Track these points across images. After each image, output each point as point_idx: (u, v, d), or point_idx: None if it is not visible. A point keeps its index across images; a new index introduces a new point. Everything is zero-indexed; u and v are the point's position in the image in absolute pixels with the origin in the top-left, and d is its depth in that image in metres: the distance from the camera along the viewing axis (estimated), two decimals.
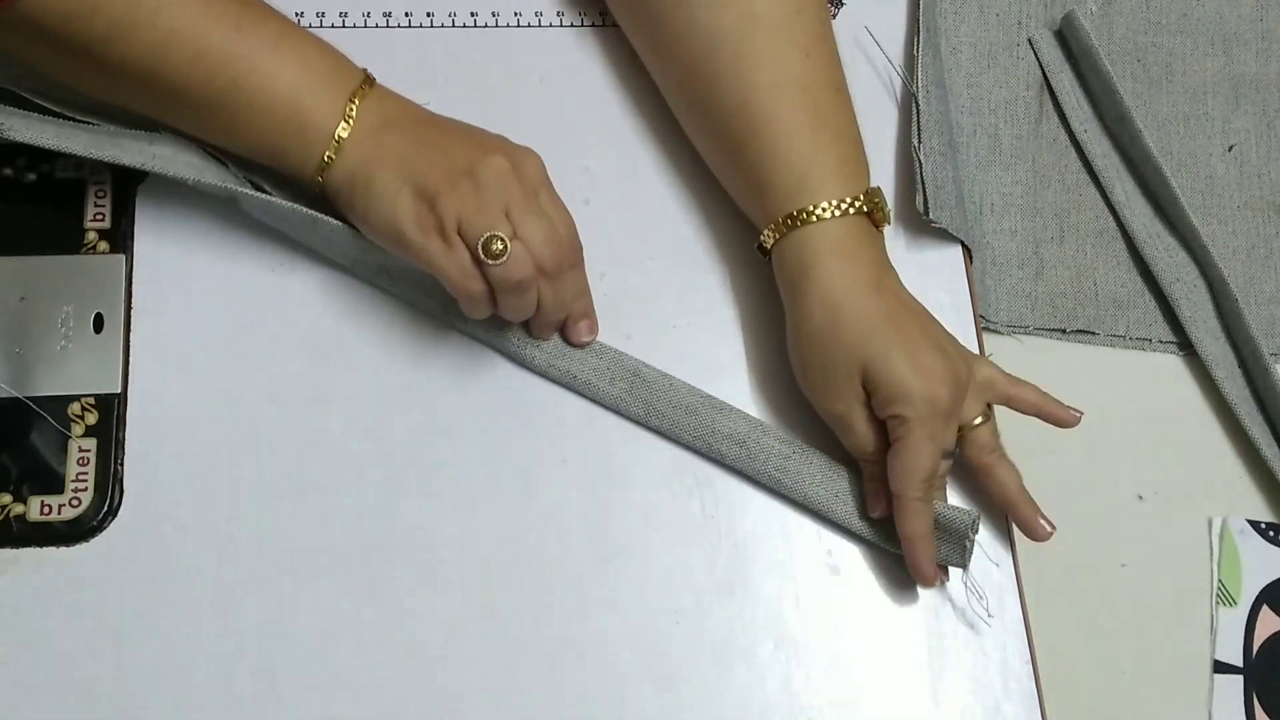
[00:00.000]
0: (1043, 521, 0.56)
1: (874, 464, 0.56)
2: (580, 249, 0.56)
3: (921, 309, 0.57)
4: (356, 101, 0.54)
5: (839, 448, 0.58)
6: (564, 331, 0.59)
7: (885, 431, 0.56)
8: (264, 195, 0.57)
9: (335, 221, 0.56)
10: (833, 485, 0.58)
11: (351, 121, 0.54)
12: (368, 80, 0.56)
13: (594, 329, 0.59)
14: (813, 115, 0.57)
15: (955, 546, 0.56)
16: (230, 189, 0.56)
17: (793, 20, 0.58)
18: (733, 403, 0.59)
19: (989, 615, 0.57)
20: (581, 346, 0.59)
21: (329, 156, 0.54)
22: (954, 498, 0.59)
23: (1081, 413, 0.58)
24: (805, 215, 0.56)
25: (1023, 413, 0.59)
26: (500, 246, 0.52)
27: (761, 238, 0.58)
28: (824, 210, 0.56)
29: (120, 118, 0.57)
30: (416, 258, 0.53)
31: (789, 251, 0.57)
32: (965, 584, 0.57)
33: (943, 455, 0.55)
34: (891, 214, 0.58)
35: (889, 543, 0.57)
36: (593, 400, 0.59)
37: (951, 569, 0.57)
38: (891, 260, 0.59)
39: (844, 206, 0.56)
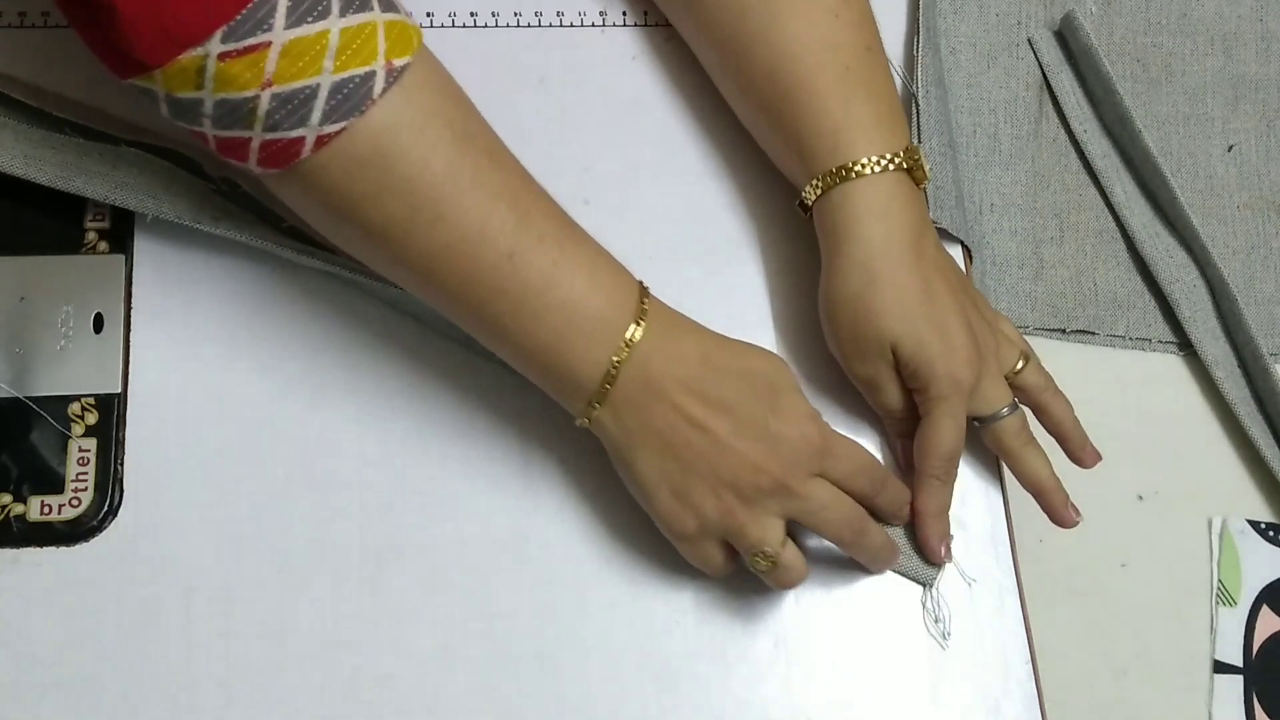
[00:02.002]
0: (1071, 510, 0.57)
1: (899, 420, 0.57)
2: (881, 478, 0.54)
3: (954, 274, 0.57)
4: (619, 362, 0.50)
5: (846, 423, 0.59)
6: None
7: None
8: (223, 232, 0.56)
9: (303, 257, 0.56)
10: None
11: (611, 387, 0.51)
12: (639, 319, 0.51)
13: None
14: (842, 75, 0.57)
15: (922, 569, 0.57)
16: (184, 221, 0.56)
17: None
18: None
19: (946, 637, 0.57)
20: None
21: (583, 421, 0.52)
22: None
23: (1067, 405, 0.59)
24: (845, 171, 0.55)
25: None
26: (766, 564, 0.52)
27: (803, 194, 0.58)
28: (863, 166, 0.55)
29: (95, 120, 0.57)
30: (674, 544, 0.54)
31: (830, 209, 0.57)
32: (924, 604, 0.57)
33: (1000, 414, 0.56)
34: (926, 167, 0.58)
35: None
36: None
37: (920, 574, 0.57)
38: None
39: (883, 163, 0.55)
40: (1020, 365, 0.58)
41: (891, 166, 0.55)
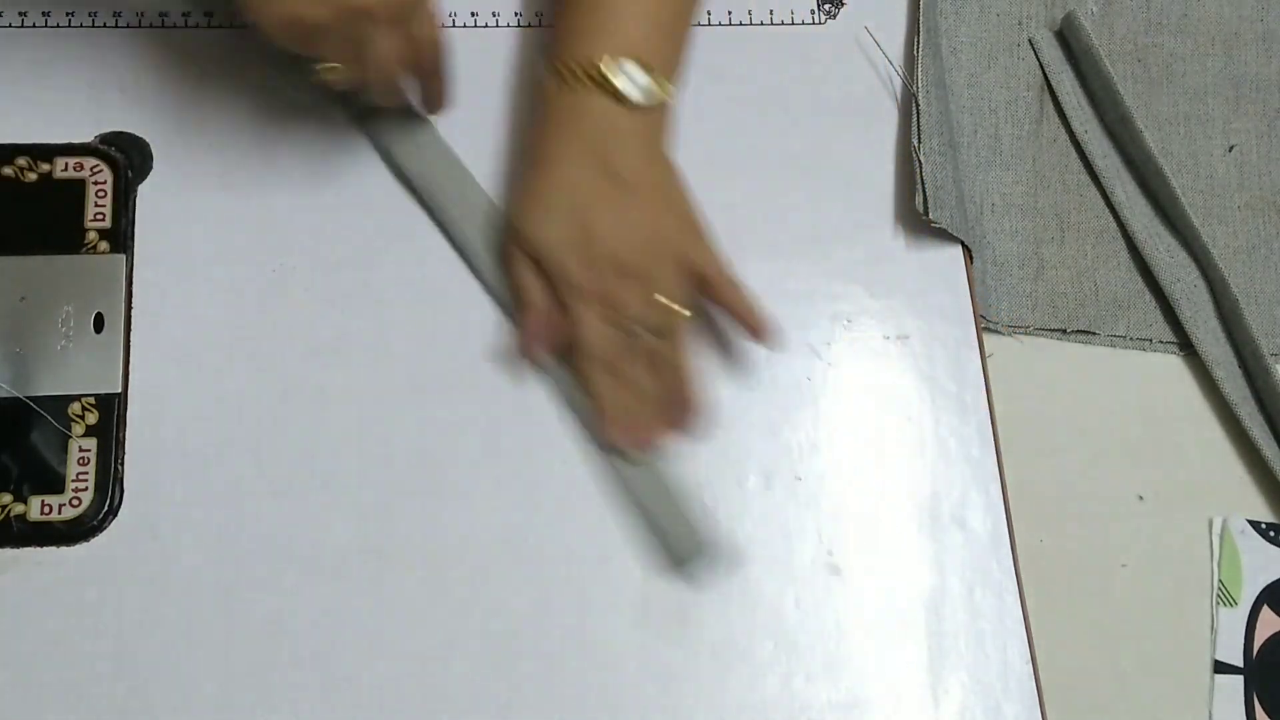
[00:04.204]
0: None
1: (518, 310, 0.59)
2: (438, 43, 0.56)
3: (646, 191, 0.58)
4: None
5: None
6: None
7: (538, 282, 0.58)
8: None
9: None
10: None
11: None
12: None
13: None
14: None
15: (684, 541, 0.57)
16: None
17: None
18: (730, 405, 0.59)
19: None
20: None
21: None
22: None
23: (774, 332, 0.59)
24: (562, 66, 0.57)
25: (720, 307, 0.59)
26: (322, 75, 0.54)
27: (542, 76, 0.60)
28: (574, 67, 0.57)
29: None
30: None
31: (541, 95, 0.59)
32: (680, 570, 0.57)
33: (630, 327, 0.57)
34: (649, 91, 0.57)
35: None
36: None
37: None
38: (891, 257, 0.59)
39: (584, 70, 0.56)
40: (676, 307, 0.58)
41: (595, 75, 0.56)
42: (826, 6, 0.68)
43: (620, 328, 0.57)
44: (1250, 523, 0.63)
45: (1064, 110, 0.70)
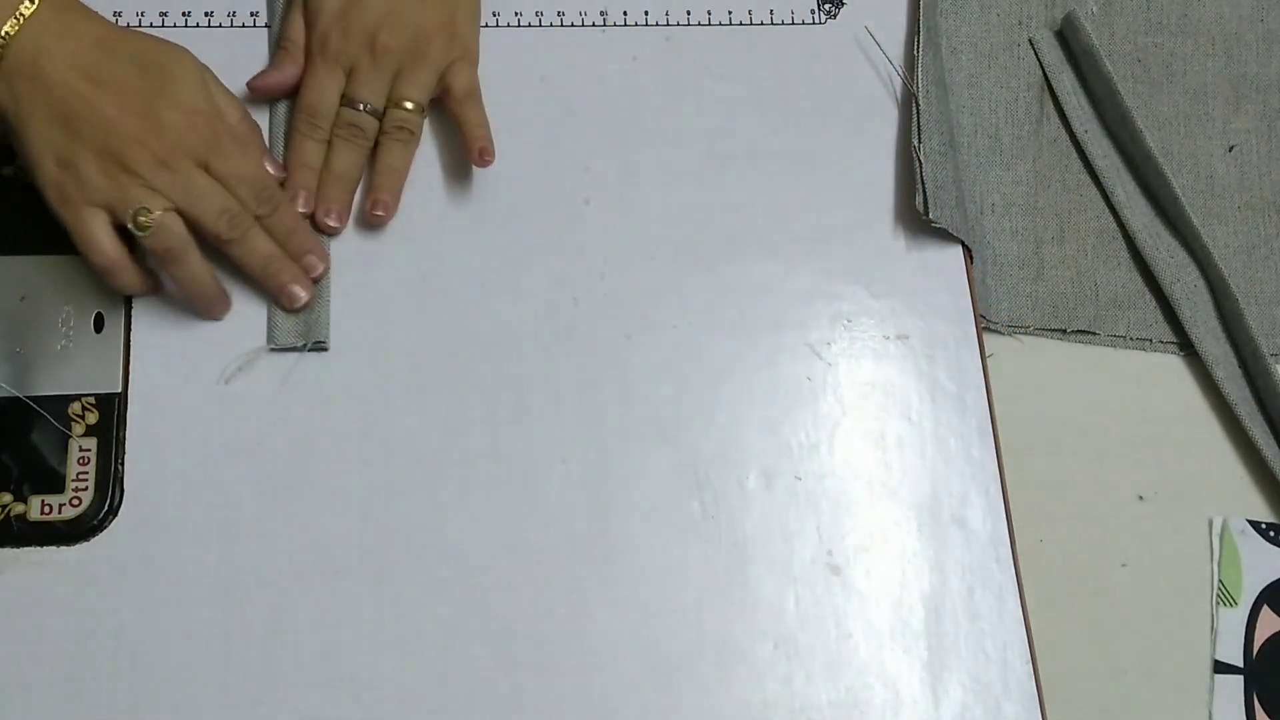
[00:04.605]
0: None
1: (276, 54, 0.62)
2: (270, 198, 0.57)
3: None
4: (10, 34, 0.52)
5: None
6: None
7: None
8: None
9: None
10: None
11: (2, 60, 0.52)
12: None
13: (324, 259, 0.59)
14: None
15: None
16: None
17: None
18: (730, 405, 0.59)
19: None
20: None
21: None
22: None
23: (491, 158, 0.60)
24: None
25: (455, 121, 0.61)
26: (145, 219, 0.53)
27: None
28: None
29: None
30: (59, 216, 0.54)
31: None
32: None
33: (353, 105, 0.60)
34: None
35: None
36: None
37: None
38: (891, 257, 0.59)
39: None
40: (409, 105, 0.60)
41: None
42: (826, 6, 0.68)
43: (346, 103, 0.59)
44: (1250, 523, 0.63)
45: (1064, 110, 0.70)
